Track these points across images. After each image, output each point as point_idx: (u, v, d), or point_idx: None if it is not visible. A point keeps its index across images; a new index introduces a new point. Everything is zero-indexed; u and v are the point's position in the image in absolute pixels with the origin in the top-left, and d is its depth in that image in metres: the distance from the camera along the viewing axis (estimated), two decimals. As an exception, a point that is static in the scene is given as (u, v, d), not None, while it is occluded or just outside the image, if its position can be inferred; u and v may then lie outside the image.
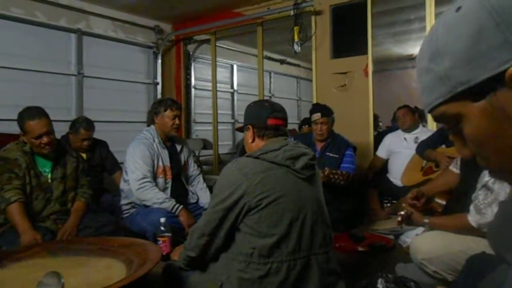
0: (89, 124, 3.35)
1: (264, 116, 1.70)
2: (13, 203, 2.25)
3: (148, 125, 3.01)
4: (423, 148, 3.34)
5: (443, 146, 3.29)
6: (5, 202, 2.26)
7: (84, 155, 3.30)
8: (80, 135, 3.29)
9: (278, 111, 1.74)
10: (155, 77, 5.31)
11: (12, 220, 2.26)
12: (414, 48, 6.57)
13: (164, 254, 2.24)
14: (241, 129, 1.83)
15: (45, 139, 2.36)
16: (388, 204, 3.76)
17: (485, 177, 1.76)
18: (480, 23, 0.44)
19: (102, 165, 3.52)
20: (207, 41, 5.42)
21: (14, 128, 2.51)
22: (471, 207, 1.77)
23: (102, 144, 3.60)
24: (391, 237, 2.97)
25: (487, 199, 1.71)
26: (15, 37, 3.93)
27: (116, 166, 3.60)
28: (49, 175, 2.47)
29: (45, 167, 2.48)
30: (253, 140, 1.73)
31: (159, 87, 5.32)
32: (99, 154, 3.51)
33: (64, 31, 4.33)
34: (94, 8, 4.55)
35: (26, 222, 2.25)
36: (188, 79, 5.68)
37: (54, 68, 4.24)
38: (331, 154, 3.26)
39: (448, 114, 0.50)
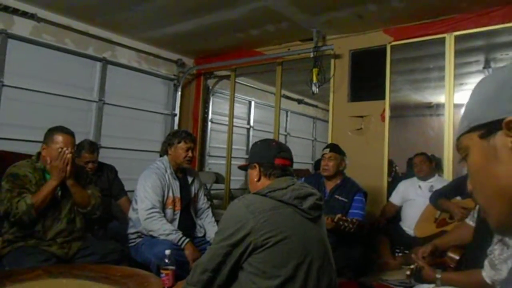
0: (91, 147, 3.34)
1: (271, 155, 1.71)
2: (30, 197, 2.28)
3: (161, 155, 3.03)
4: (436, 197, 3.27)
5: (458, 197, 3.21)
6: (27, 207, 2.25)
7: None
8: (83, 158, 3.27)
9: (284, 151, 1.75)
10: (174, 109, 5.40)
11: (43, 195, 2.32)
12: (432, 96, 6.56)
13: (166, 287, 2.19)
14: (245, 167, 1.82)
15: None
16: (400, 254, 3.64)
17: (502, 232, 1.69)
18: (508, 78, 0.54)
19: (109, 189, 3.51)
20: (227, 77, 5.53)
21: (37, 150, 2.56)
22: (486, 262, 1.70)
23: (110, 169, 3.60)
24: (401, 288, 2.86)
25: (502, 255, 1.64)
26: (44, 62, 4.08)
27: (122, 192, 3.59)
28: (59, 193, 2.48)
29: None
30: (259, 179, 1.72)
31: (177, 118, 5.41)
32: (107, 178, 3.51)
33: (90, 59, 4.49)
34: (121, 39, 4.72)
35: (43, 187, 2.35)
36: (205, 112, 5.77)
37: (77, 94, 4.37)
38: (340, 198, 3.18)
39: (462, 145, 0.59)
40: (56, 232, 2.43)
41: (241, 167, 1.93)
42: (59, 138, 2.43)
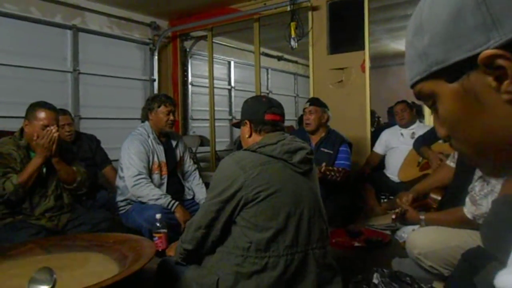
0: (62, 110, 3.25)
1: (261, 111, 1.71)
2: (15, 179, 2.25)
3: (142, 122, 3.00)
4: (419, 144, 3.33)
5: (440, 141, 3.28)
6: (14, 187, 2.23)
7: None
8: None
9: (275, 106, 1.75)
10: (152, 74, 5.28)
11: (28, 173, 2.29)
12: (408, 59, 6.54)
13: (159, 250, 2.23)
14: (237, 125, 1.83)
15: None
16: (385, 200, 3.75)
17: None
18: (462, 1, 0.41)
19: (93, 159, 3.46)
20: (204, 37, 5.39)
21: (10, 125, 2.50)
22: (467, 199, 1.77)
23: (91, 138, 3.53)
24: (388, 232, 2.97)
25: (483, 190, 1.71)
26: (9, 34, 3.89)
27: (107, 161, 3.55)
28: (44, 170, 2.45)
29: None
30: (250, 135, 1.73)
31: (156, 83, 5.30)
32: (89, 147, 3.45)
33: (59, 27, 4.30)
34: (90, 4, 4.52)
35: (28, 165, 2.31)
36: (185, 75, 5.66)
37: (49, 65, 4.21)
38: (325, 150, 3.23)
39: (424, 92, 0.49)
40: (44, 209, 2.42)
41: (234, 125, 1.93)
42: (42, 114, 2.37)
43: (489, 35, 0.39)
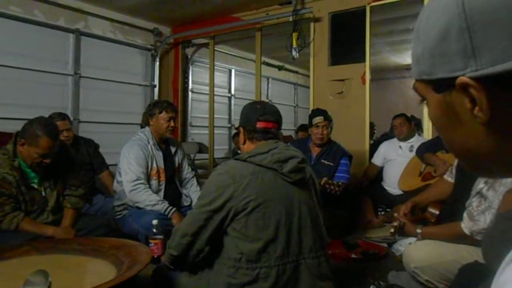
0: (61, 115, 3.26)
1: (253, 118, 1.68)
2: (20, 221, 2.24)
3: (142, 127, 3.00)
4: (423, 150, 3.32)
5: (443, 151, 3.27)
6: (7, 226, 2.22)
7: None
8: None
9: (269, 113, 1.71)
10: (153, 80, 5.30)
11: (32, 230, 2.28)
12: (411, 58, 6.58)
13: (155, 256, 2.21)
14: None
15: (48, 160, 2.29)
16: (382, 212, 3.75)
17: (480, 184, 1.76)
18: (450, 21, 0.43)
19: (90, 163, 3.46)
20: (205, 45, 5.42)
21: (10, 127, 2.47)
22: (465, 214, 1.77)
23: (89, 143, 3.53)
24: (385, 245, 2.96)
25: (480, 206, 1.71)
26: (13, 36, 3.90)
27: (103, 166, 3.54)
28: (43, 193, 2.41)
29: (35, 178, 2.40)
30: (244, 143, 1.72)
31: (156, 89, 5.31)
32: (86, 152, 3.43)
33: (62, 31, 4.32)
34: (93, 9, 4.55)
35: (39, 226, 2.31)
36: (185, 82, 5.67)
37: (51, 68, 4.22)
38: (326, 162, 3.23)
39: (418, 91, 0.53)
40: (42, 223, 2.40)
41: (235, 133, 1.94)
42: (42, 142, 2.23)
43: (467, 63, 0.42)
